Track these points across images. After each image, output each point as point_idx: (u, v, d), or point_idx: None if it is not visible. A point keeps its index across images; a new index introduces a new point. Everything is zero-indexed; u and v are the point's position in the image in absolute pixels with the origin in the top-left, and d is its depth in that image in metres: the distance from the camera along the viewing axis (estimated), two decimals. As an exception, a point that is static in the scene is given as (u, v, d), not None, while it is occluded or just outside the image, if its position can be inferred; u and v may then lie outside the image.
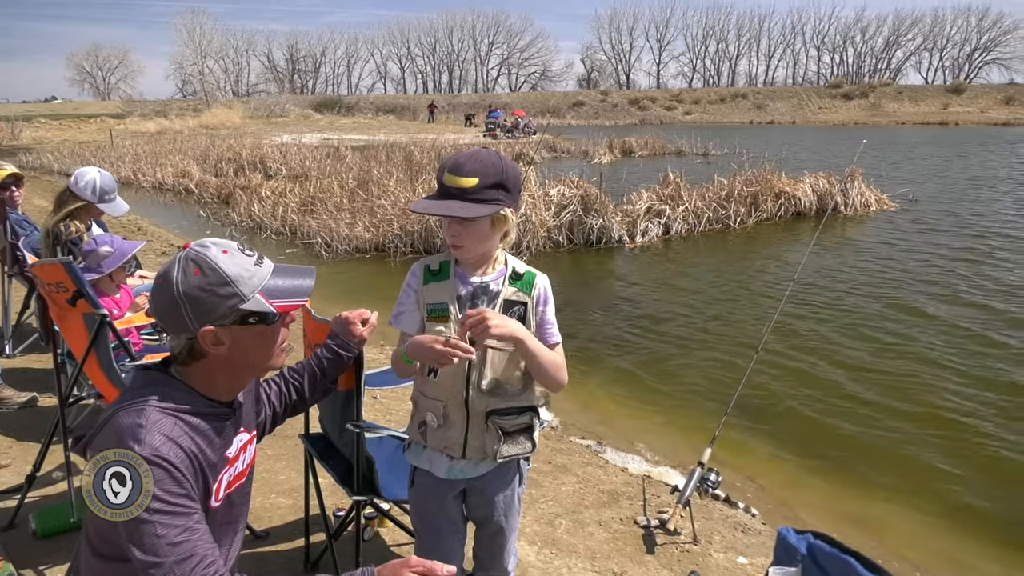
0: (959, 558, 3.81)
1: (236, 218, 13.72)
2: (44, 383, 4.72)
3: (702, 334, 7.28)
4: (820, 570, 1.16)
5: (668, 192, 12.85)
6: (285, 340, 1.71)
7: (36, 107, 72.22)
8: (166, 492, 1.42)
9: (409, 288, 2.04)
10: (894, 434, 5.07)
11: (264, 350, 1.65)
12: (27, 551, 2.98)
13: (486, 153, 1.92)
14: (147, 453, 1.42)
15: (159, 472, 1.42)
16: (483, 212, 1.88)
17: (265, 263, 1.64)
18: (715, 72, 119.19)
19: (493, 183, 1.88)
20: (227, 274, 1.54)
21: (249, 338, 1.60)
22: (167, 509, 1.42)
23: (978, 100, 78.51)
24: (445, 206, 1.88)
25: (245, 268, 1.58)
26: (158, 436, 1.45)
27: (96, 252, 3.65)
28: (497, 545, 2.19)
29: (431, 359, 1.87)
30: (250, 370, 1.69)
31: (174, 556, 1.40)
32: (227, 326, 1.56)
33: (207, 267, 1.53)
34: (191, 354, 1.59)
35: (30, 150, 27.20)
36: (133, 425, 1.45)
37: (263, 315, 1.58)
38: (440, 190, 1.91)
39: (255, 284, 1.58)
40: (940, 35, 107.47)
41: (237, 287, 1.55)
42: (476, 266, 2.00)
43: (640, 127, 54.98)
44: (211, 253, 1.56)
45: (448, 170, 1.88)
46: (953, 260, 10.38)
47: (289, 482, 3.70)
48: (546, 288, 2.07)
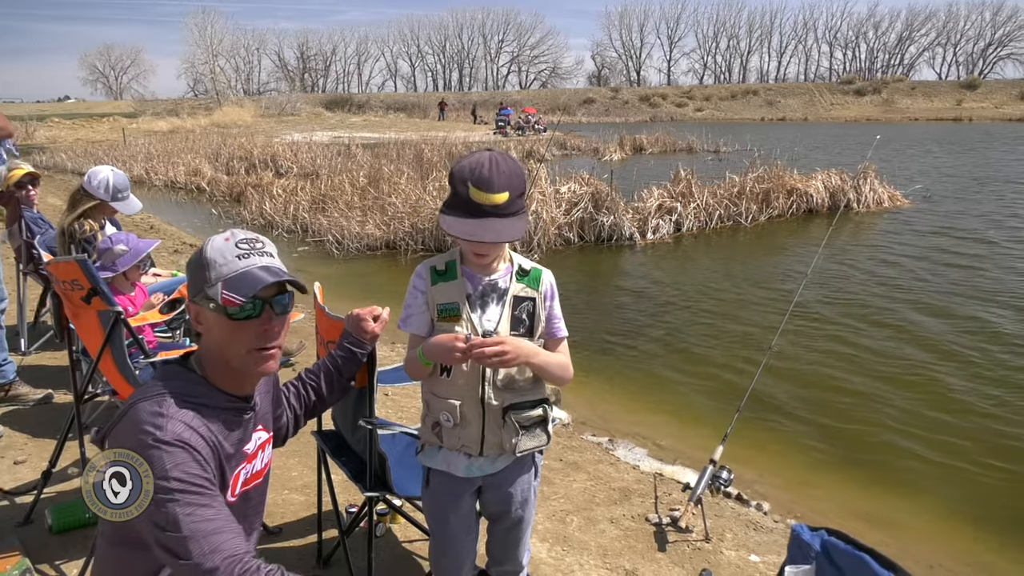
0: (978, 558, 3.77)
1: (248, 216, 13.78)
2: (59, 380, 4.75)
3: (714, 332, 7.26)
4: (834, 567, 1.16)
5: (679, 189, 12.80)
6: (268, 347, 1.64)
7: (50, 107, 72.80)
8: (189, 473, 1.43)
9: (416, 290, 2.03)
10: (909, 432, 5.04)
11: (229, 344, 1.60)
12: (43, 546, 3.01)
13: (503, 161, 1.89)
14: (169, 437, 1.43)
15: (182, 454, 1.44)
16: (524, 227, 1.92)
17: (251, 259, 1.61)
18: (726, 68, 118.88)
19: (519, 193, 1.91)
20: (206, 256, 1.60)
21: (215, 326, 1.60)
22: (192, 489, 1.42)
23: (992, 96, 77.84)
24: (487, 228, 1.85)
25: (223, 255, 1.59)
26: (179, 423, 1.47)
27: (111, 250, 3.68)
28: (513, 539, 2.20)
29: (451, 360, 1.90)
30: (230, 365, 1.64)
31: (203, 532, 1.40)
32: (199, 305, 1.61)
33: (204, 246, 1.61)
34: (196, 330, 1.66)
35: (44, 149, 27.43)
36: (154, 414, 1.47)
37: (220, 305, 1.57)
38: (470, 208, 1.86)
39: (223, 273, 1.58)
40: (954, 30, 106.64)
41: (208, 271, 1.58)
42: (483, 265, 2.01)
43: (651, 124, 54.71)
44: (217, 236, 1.63)
45: (474, 185, 1.84)
46: (968, 257, 10.30)
47: (302, 479, 3.72)
48: (552, 283, 2.09)
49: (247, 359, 1.62)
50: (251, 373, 1.65)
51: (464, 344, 1.85)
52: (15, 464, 3.76)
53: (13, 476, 3.62)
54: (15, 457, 3.83)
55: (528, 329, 2.02)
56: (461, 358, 1.88)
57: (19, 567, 2.72)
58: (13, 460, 3.80)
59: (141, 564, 1.51)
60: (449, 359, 1.91)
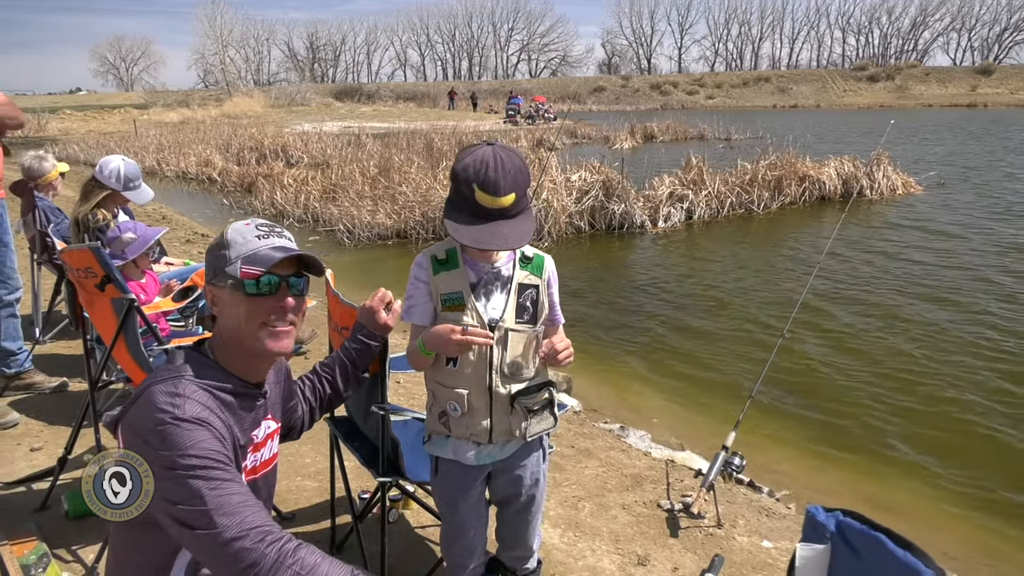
0: (992, 546, 3.76)
1: (259, 206, 13.82)
2: (74, 369, 4.79)
3: (725, 319, 7.24)
4: (849, 547, 1.15)
5: (691, 177, 12.75)
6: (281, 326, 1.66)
7: (61, 99, 73.06)
8: (210, 450, 1.43)
9: (418, 280, 2.01)
10: (923, 420, 5.02)
11: (245, 322, 1.62)
12: (60, 531, 3.04)
13: (507, 159, 1.85)
14: (187, 416, 1.44)
15: (202, 431, 1.45)
16: (532, 227, 1.93)
17: (270, 239, 1.64)
18: (737, 56, 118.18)
19: (524, 191, 1.89)
20: (225, 237, 1.64)
21: (230, 304, 1.63)
22: (213, 465, 1.42)
23: (1008, 81, 76.99)
24: (494, 233, 1.84)
25: (242, 235, 1.64)
26: (196, 404, 1.49)
27: (120, 239, 3.70)
28: (523, 521, 2.20)
29: (450, 349, 1.89)
30: (243, 346, 1.65)
31: (228, 505, 1.39)
32: (217, 287, 1.63)
33: (225, 230, 1.66)
34: (212, 316, 1.68)
35: (56, 141, 27.51)
36: (170, 394, 1.48)
37: (239, 281, 1.60)
38: (476, 210, 1.84)
39: (242, 252, 1.61)
40: (968, 15, 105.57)
41: (227, 250, 1.62)
42: (486, 258, 2.00)
43: (661, 112, 54.44)
44: (238, 221, 1.68)
45: (480, 188, 1.82)
46: (982, 244, 10.22)
47: (315, 465, 3.74)
48: (553, 270, 2.09)
49: (260, 335, 1.63)
50: (264, 352, 1.65)
51: (460, 334, 1.84)
52: (31, 451, 3.80)
53: (29, 463, 3.66)
54: (31, 444, 3.87)
55: (532, 316, 2.01)
56: (458, 348, 1.87)
57: (36, 552, 2.75)
58: (29, 447, 3.83)
59: (158, 545, 1.52)
60: (447, 349, 1.90)
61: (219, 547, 1.37)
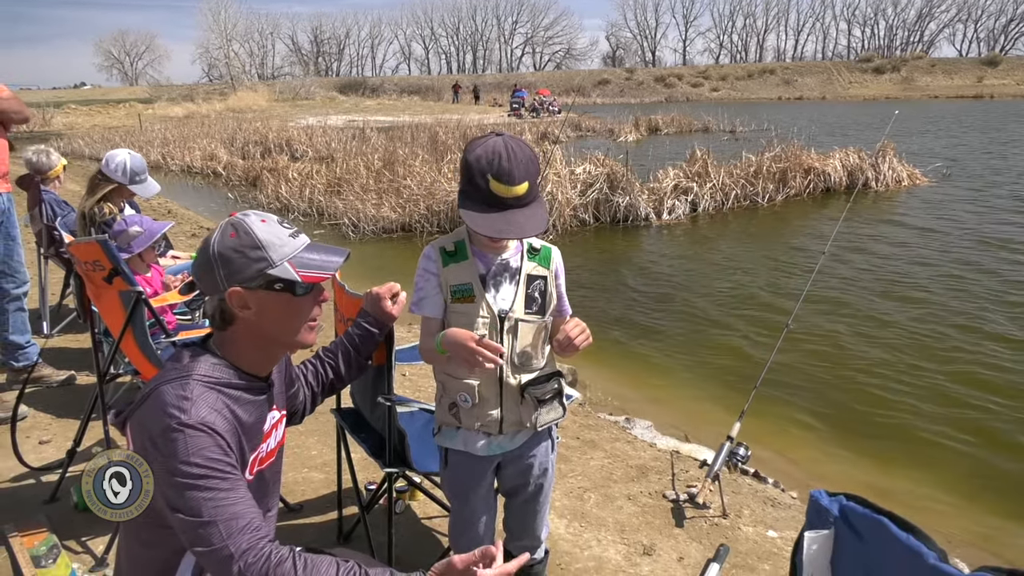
0: (995, 536, 3.77)
1: (264, 200, 13.84)
2: (81, 362, 4.82)
3: (730, 310, 7.24)
4: (853, 531, 1.16)
5: (695, 169, 12.72)
6: (316, 319, 1.73)
7: (66, 93, 73.21)
8: (211, 458, 1.45)
9: (427, 272, 2.01)
10: (927, 411, 5.02)
11: (290, 321, 1.66)
12: (69, 523, 3.06)
13: (518, 148, 1.87)
14: (193, 421, 1.45)
15: (205, 439, 1.46)
16: (545, 215, 1.94)
17: (301, 238, 1.67)
18: (742, 48, 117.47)
19: (536, 179, 1.90)
20: (259, 238, 1.59)
21: (275, 306, 1.62)
22: (213, 474, 1.44)
23: (1014, 72, 76.32)
24: (510, 222, 1.85)
25: (277, 236, 1.62)
26: (204, 407, 1.49)
27: (126, 232, 3.71)
28: (531, 511, 2.22)
29: (464, 355, 1.84)
30: (278, 342, 1.69)
31: (222, 517, 1.42)
32: (253, 289, 1.60)
33: (242, 231, 1.59)
34: (223, 318, 1.63)
35: (61, 136, 27.52)
36: (178, 397, 1.49)
37: (290, 283, 1.61)
38: (490, 200, 1.85)
39: (285, 253, 1.61)
40: (974, 6, 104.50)
41: (267, 252, 1.59)
42: (496, 249, 2.01)
43: (666, 105, 54.16)
44: (249, 219, 1.62)
45: (495, 178, 1.83)
46: (988, 236, 10.18)
47: (321, 456, 3.76)
48: (560, 261, 2.11)
49: (302, 335, 1.69)
50: (299, 345, 1.72)
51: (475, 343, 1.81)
52: (40, 444, 3.83)
53: (38, 455, 3.69)
54: (40, 437, 3.90)
55: (540, 307, 2.02)
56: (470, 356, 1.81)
57: (46, 543, 2.78)
58: (38, 440, 3.87)
59: (166, 543, 1.54)
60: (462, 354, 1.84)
61: (210, 561, 1.44)
